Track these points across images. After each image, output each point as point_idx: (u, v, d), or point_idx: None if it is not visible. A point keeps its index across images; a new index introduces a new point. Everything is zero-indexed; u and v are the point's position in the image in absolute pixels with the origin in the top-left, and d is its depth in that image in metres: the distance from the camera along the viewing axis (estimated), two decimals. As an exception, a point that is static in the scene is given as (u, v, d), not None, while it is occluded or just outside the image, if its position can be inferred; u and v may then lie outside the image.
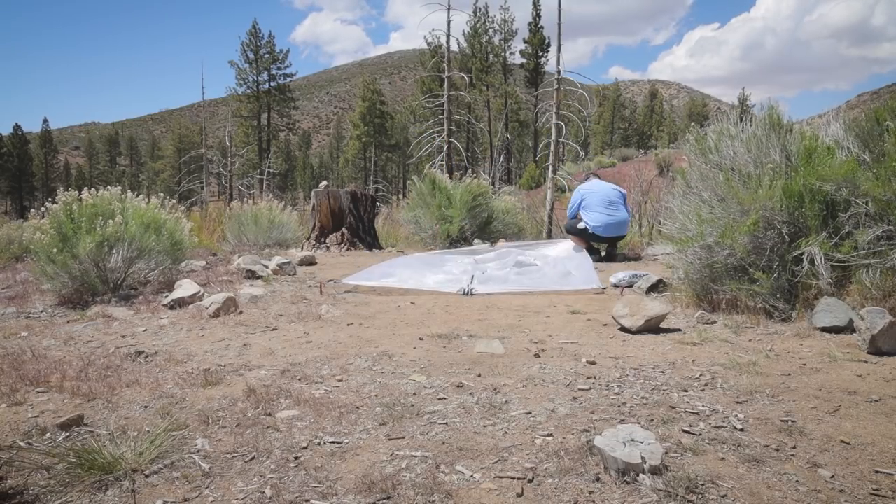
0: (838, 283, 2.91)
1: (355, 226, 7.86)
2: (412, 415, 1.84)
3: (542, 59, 39.41)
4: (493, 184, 12.44)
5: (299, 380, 2.23)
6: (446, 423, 1.77)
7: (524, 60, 40.13)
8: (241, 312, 3.49)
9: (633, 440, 1.45)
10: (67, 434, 1.73)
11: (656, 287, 4.02)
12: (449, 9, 15.45)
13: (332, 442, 1.66)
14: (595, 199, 6.07)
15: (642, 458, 1.40)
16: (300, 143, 75.69)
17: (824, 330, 2.70)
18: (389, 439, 1.67)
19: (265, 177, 23.49)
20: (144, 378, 2.25)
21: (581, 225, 6.05)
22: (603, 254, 6.25)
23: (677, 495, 1.32)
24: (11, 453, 1.58)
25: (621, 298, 3.24)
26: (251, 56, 41.65)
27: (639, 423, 1.70)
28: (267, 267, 5.07)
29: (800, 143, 3.27)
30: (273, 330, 3.10)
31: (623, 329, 2.95)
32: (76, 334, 3.06)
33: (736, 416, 1.78)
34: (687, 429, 1.68)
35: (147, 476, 1.47)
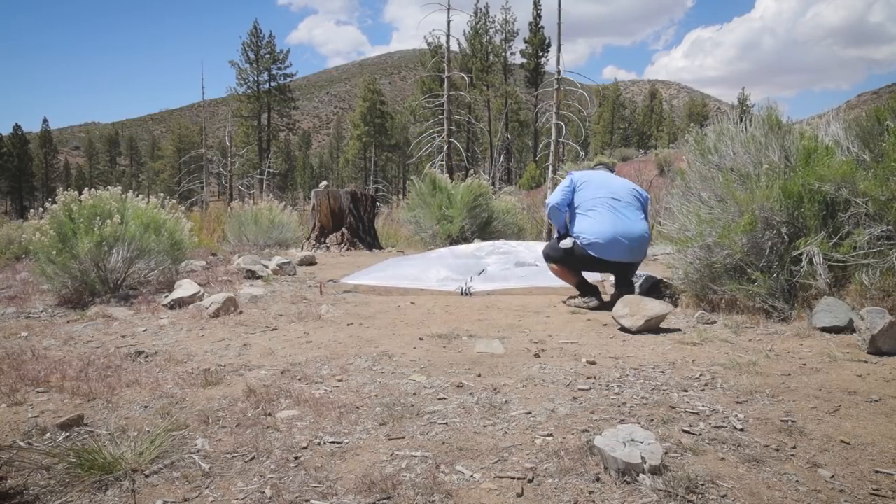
0: (838, 283, 2.91)
1: (355, 226, 7.86)
2: (412, 415, 1.84)
3: (543, 59, 39.43)
4: (493, 184, 12.47)
5: (299, 380, 2.23)
6: (446, 423, 1.77)
7: (524, 60, 40.14)
8: (241, 312, 3.49)
9: (633, 440, 1.45)
10: (67, 434, 1.73)
11: (656, 287, 4.02)
12: (449, 9, 15.46)
13: (332, 442, 1.66)
14: (595, 194, 3.73)
15: (642, 458, 1.40)
16: (300, 143, 75.72)
17: (824, 330, 2.70)
18: (389, 439, 1.67)
19: (265, 177, 23.51)
20: (144, 378, 2.25)
21: (567, 242, 3.73)
22: (612, 292, 3.85)
23: (677, 495, 1.32)
24: (11, 453, 1.58)
25: (621, 298, 3.24)
26: (252, 56, 41.68)
27: (639, 423, 1.70)
28: (267, 267, 5.07)
29: (798, 144, 3.27)
30: (273, 330, 3.10)
31: (623, 329, 2.95)
32: (76, 334, 3.06)
33: (736, 416, 1.78)
34: (687, 429, 1.68)
35: (147, 476, 1.47)
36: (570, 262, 3.80)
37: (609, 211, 3.69)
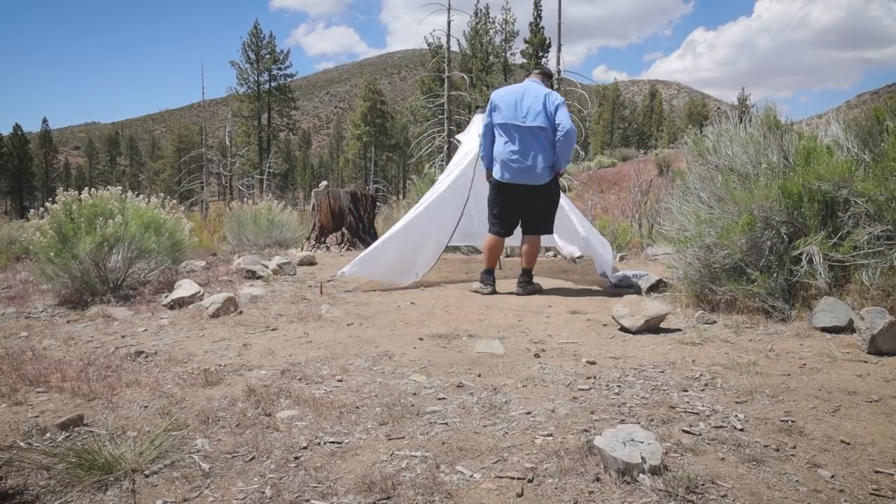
0: (837, 283, 2.91)
1: (355, 226, 7.86)
2: (412, 415, 1.84)
3: (543, 60, 39.38)
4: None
5: (299, 380, 2.23)
6: (446, 423, 1.77)
7: (524, 61, 40.09)
8: (241, 312, 3.49)
9: (633, 440, 1.45)
10: (67, 434, 1.73)
11: (656, 287, 4.02)
12: (449, 9, 15.46)
13: (332, 442, 1.66)
14: (502, 118, 4.04)
15: (642, 458, 1.40)
16: (300, 143, 75.73)
17: (824, 330, 2.70)
18: (389, 439, 1.67)
19: (265, 177, 23.51)
20: (144, 378, 2.25)
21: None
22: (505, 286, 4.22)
23: (677, 495, 1.32)
24: (11, 453, 1.58)
25: (621, 298, 3.24)
26: (252, 56, 41.68)
27: (639, 423, 1.70)
28: (267, 267, 5.07)
29: (797, 144, 3.27)
30: (273, 330, 3.10)
31: (623, 329, 2.95)
32: (76, 334, 3.06)
33: (736, 416, 1.78)
34: (687, 429, 1.68)
35: (147, 476, 1.47)
36: (499, 212, 4.17)
37: (512, 135, 4.02)
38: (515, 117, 4.01)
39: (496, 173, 4.11)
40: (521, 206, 4.15)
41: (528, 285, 4.17)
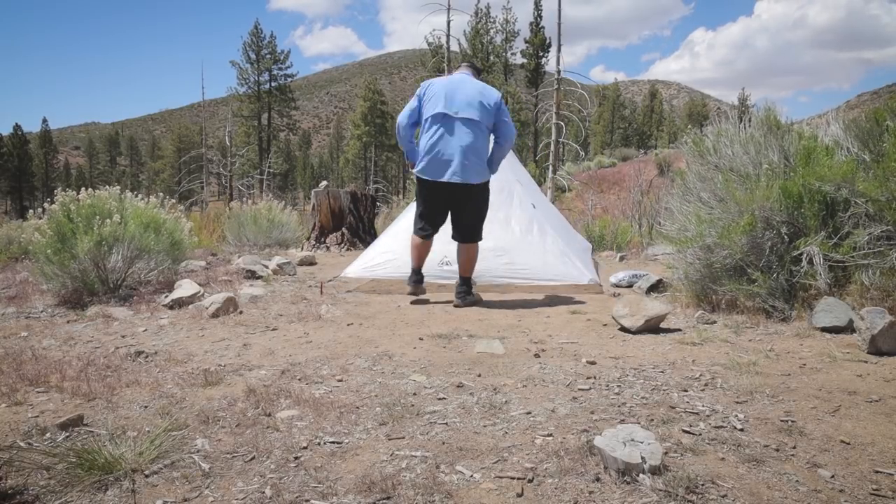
0: (838, 283, 2.91)
1: (355, 226, 7.87)
2: (412, 415, 1.84)
3: (543, 59, 39.41)
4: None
5: (299, 380, 2.23)
6: (446, 423, 1.77)
7: (525, 60, 40.12)
8: (241, 312, 3.49)
9: (633, 440, 1.45)
10: (67, 434, 1.73)
11: (656, 287, 4.03)
12: (449, 9, 15.45)
13: (332, 442, 1.66)
14: (430, 111, 3.61)
15: (642, 458, 1.40)
16: (300, 143, 75.77)
17: (824, 330, 2.71)
18: (389, 439, 1.67)
19: (265, 177, 23.51)
20: (144, 378, 2.25)
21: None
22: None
23: (677, 495, 1.32)
24: (11, 453, 1.58)
25: (621, 298, 3.24)
26: (253, 56, 41.72)
27: (639, 423, 1.70)
28: (267, 267, 5.07)
29: (798, 144, 3.27)
30: (273, 330, 3.10)
31: (623, 329, 2.95)
32: (76, 334, 3.06)
33: (736, 416, 1.78)
34: (687, 429, 1.68)
35: (147, 476, 1.47)
36: (425, 212, 3.72)
37: (438, 128, 3.58)
38: (448, 108, 3.59)
39: (419, 170, 3.66)
40: (449, 208, 3.75)
41: (466, 296, 3.73)
